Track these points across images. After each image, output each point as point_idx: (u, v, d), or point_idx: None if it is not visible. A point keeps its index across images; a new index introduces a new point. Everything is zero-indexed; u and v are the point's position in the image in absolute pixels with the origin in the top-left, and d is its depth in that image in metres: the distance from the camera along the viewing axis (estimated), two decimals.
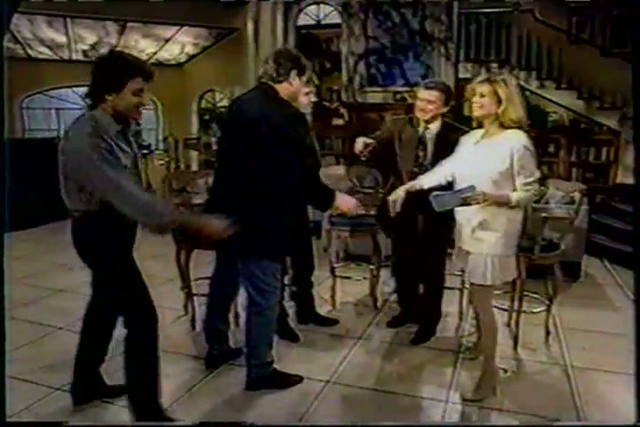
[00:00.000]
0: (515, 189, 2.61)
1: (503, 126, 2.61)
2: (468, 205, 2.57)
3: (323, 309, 3.91)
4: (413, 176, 3.10)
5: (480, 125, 2.74)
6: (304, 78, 2.77)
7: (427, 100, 3.24)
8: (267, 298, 2.77)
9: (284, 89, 2.71)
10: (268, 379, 2.87)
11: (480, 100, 2.62)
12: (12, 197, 2.44)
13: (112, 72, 2.26)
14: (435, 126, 3.30)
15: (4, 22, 2.44)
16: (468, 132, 2.90)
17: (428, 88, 3.27)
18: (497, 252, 2.67)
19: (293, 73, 2.71)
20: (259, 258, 2.71)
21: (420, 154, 3.32)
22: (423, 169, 3.17)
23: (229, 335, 3.25)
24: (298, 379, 2.97)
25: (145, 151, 8.33)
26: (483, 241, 2.68)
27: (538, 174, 2.63)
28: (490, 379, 2.84)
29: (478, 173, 2.62)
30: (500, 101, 2.58)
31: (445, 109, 3.29)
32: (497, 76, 2.66)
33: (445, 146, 3.01)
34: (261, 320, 2.81)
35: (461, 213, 2.73)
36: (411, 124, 3.39)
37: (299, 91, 2.81)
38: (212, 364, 3.14)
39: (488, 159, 2.61)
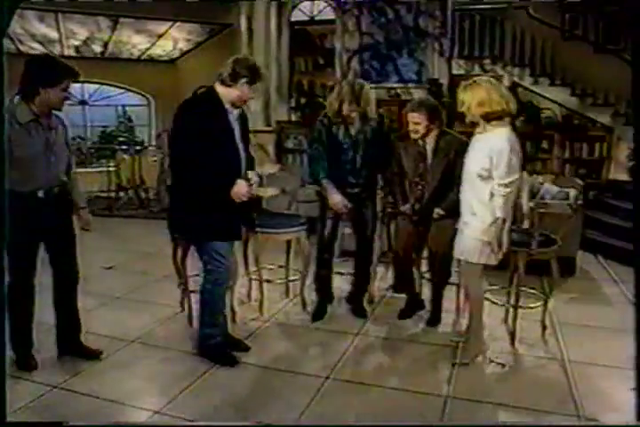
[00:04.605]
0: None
1: (487, 121, 2.92)
2: None
3: None
4: (415, 185, 3.51)
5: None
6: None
7: (413, 123, 3.40)
8: (211, 274, 3.06)
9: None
10: (209, 350, 3.14)
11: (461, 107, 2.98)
12: None
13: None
14: (431, 140, 3.45)
15: (4, 22, 2.40)
16: (466, 142, 3.17)
17: (412, 111, 3.41)
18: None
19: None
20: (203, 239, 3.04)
21: (421, 166, 3.49)
22: (423, 180, 3.48)
23: None
24: (233, 360, 3.11)
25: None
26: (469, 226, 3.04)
27: (512, 176, 2.88)
28: (475, 342, 3.16)
29: (468, 169, 3.02)
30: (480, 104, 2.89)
31: (434, 126, 3.39)
32: (474, 79, 3.01)
33: (442, 157, 3.40)
34: (206, 296, 3.13)
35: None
36: (415, 141, 3.49)
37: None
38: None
39: (474, 155, 2.98)
